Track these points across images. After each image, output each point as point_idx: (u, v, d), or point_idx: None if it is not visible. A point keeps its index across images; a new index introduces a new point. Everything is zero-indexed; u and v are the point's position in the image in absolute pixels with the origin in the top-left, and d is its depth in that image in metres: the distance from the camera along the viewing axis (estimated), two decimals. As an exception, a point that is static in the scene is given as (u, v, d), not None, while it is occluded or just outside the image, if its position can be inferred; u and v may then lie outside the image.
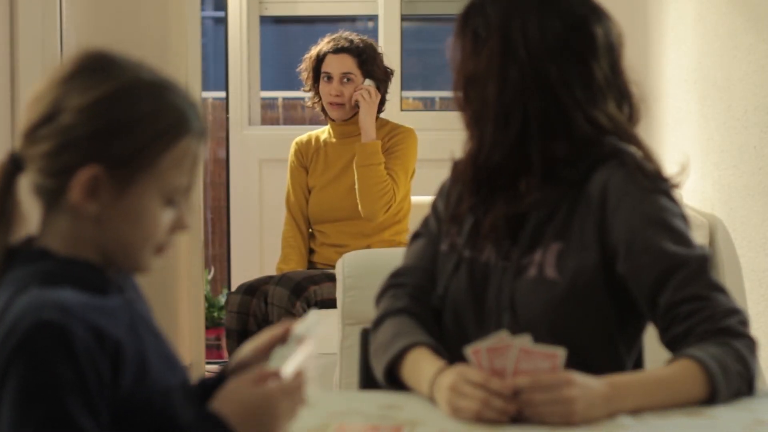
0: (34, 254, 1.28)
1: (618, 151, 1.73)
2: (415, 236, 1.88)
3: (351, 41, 3.78)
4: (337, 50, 3.77)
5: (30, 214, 1.30)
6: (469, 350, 1.51)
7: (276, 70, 7.33)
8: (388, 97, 3.88)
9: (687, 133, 3.57)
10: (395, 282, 1.84)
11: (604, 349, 1.71)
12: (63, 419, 1.16)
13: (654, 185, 1.70)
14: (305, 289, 3.54)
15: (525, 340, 1.48)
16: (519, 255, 1.72)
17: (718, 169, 3.30)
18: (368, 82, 3.75)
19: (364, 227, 3.74)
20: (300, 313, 3.50)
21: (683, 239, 1.66)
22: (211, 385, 1.37)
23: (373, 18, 5.45)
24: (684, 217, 1.70)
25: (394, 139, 3.77)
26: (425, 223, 1.88)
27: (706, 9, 3.43)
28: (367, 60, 3.76)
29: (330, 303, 3.45)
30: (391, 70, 3.87)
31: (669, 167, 1.76)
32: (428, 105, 6.64)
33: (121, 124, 1.26)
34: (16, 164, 1.28)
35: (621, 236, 1.67)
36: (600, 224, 1.69)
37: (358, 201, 3.68)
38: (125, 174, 1.27)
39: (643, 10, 3.98)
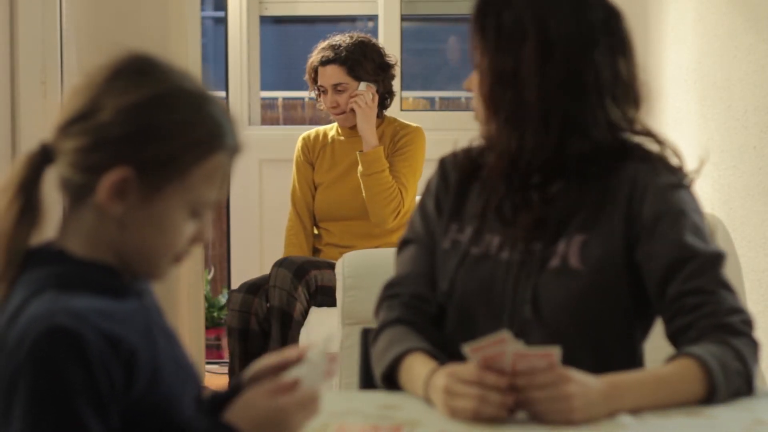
0: (51, 255, 1.27)
1: (642, 146, 1.75)
2: (404, 243, 1.86)
3: (336, 49, 3.72)
4: (324, 62, 3.73)
5: (50, 214, 1.29)
6: (468, 348, 1.50)
7: (276, 70, 7.32)
8: None
9: (687, 133, 3.57)
10: (388, 293, 1.83)
11: (622, 339, 1.72)
12: (73, 424, 1.15)
13: (678, 180, 1.73)
14: (307, 272, 3.54)
15: (518, 345, 1.47)
16: (541, 247, 1.72)
17: (718, 170, 3.30)
18: (362, 86, 3.71)
19: (370, 228, 3.71)
20: (301, 299, 3.50)
21: (700, 233, 1.68)
22: (223, 398, 1.36)
23: (373, 18, 5.45)
24: (702, 214, 1.72)
25: (402, 139, 3.73)
26: (411, 227, 1.85)
27: (706, 9, 3.43)
28: (354, 65, 3.71)
29: (330, 290, 3.46)
30: (390, 62, 3.79)
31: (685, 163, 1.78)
32: (428, 105, 6.63)
33: (157, 129, 1.26)
34: (46, 155, 1.27)
35: (643, 226, 1.69)
36: (626, 216, 1.70)
37: (367, 208, 3.66)
38: (155, 180, 1.26)
39: (643, 10, 3.98)
